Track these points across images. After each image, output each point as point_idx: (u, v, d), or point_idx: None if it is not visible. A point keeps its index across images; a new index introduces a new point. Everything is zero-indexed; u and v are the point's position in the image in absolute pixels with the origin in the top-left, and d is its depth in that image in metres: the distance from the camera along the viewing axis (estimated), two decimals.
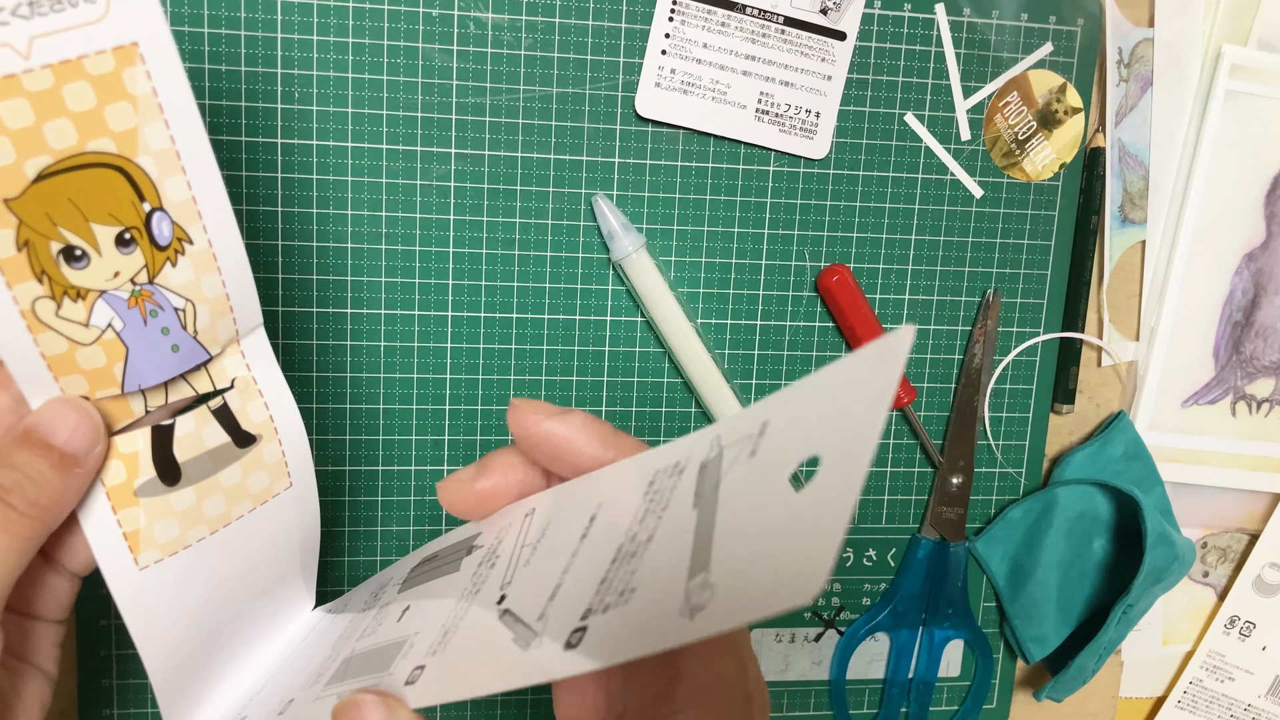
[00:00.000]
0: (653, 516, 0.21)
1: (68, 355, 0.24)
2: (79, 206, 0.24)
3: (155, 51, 0.23)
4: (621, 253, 0.40)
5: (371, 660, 0.26)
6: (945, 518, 0.45)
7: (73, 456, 0.25)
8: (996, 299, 0.44)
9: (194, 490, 0.27)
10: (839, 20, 0.40)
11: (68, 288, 0.24)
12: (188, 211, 0.25)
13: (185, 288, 0.26)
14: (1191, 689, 0.50)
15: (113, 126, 0.23)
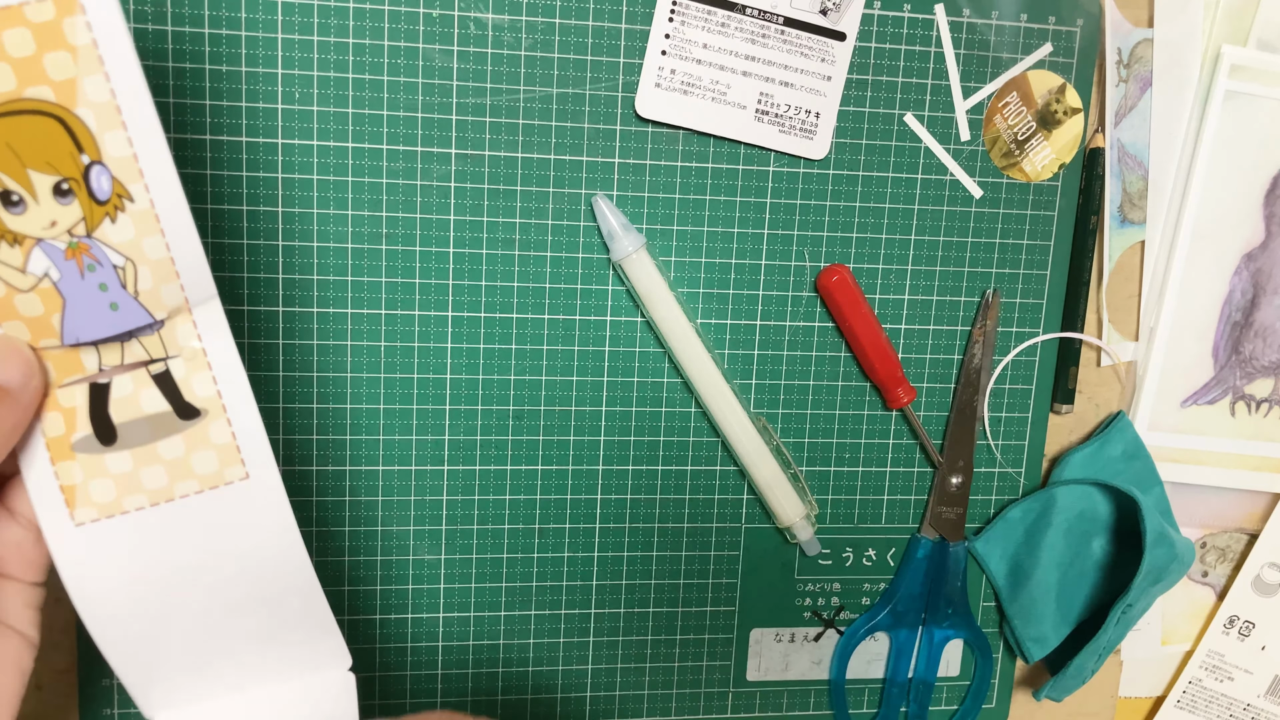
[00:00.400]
0: None
1: (6, 300, 0.25)
2: (16, 152, 0.24)
3: (96, 2, 0.23)
4: (621, 253, 0.40)
5: None
6: (945, 517, 0.45)
7: (7, 389, 0.25)
8: (996, 299, 0.44)
9: (130, 455, 0.27)
10: (839, 21, 0.40)
11: (4, 232, 0.25)
12: (128, 168, 0.25)
13: (125, 246, 0.25)
14: (1191, 689, 0.50)
15: (51, 75, 0.24)
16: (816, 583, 0.46)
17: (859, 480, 0.45)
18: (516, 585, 0.43)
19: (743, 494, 0.44)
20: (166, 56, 0.37)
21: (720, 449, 0.43)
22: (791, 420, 0.44)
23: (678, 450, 0.43)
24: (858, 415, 0.44)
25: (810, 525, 0.44)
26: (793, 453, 0.44)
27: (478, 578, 0.43)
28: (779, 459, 0.43)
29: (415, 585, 0.42)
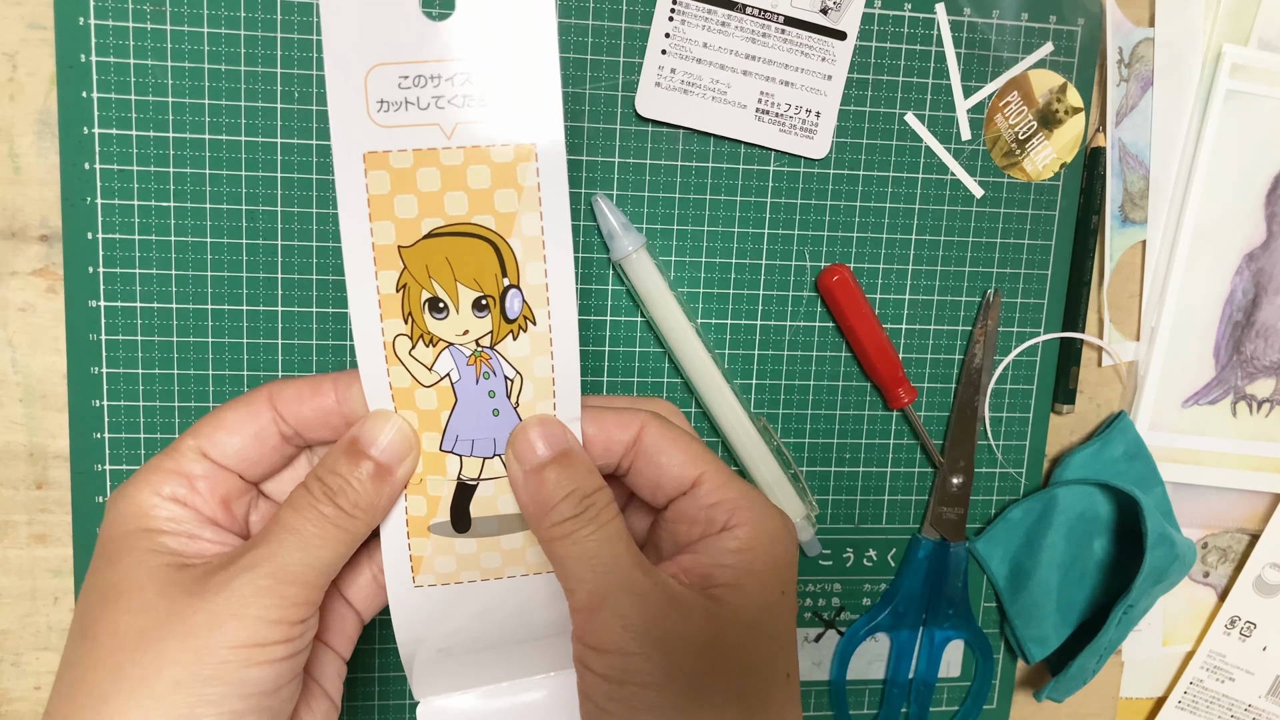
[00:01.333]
0: None
1: (409, 392, 0.29)
2: (453, 267, 0.28)
3: (549, 154, 0.28)
4: (621, 253, 0.40)
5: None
6: (945, 518, 0.45)
7: (387, 466, 0.29)
8: (997, 299, 0.44)
9: (476, 542, 0.31)
10: (839, 20, 0.40)
11: (425, 333, 0.29)
12: (539, 294, 0.29)
13: (519, 361, 0.29)
14: (1192, 689, 0.50)
15: (498, 207, 0.28)
16: (817, 583, 0.45)
17: (859, 480, 0.45)
18: None
19: None
20: (166, 56, 0.37)
21: (720, 449, 0.43)
22: (792, 420, 0.44)
23: None
24: (858, 415, 0.44)
25: (811, 525, 0.44)
26: (793, 453, 0.44)
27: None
28: (779, 459, 0.43)
29: None
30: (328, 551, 0.28)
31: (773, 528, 0.31)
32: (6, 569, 0.40)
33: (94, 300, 0.39)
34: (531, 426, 0.30)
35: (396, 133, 0.27)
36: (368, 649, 0.43)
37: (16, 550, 0.40)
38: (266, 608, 0.27)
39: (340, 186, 0.27)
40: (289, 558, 0.27)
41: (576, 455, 0.30)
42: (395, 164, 0.27)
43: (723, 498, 0.31)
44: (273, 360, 0.40)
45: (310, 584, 0.28)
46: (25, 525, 0.40)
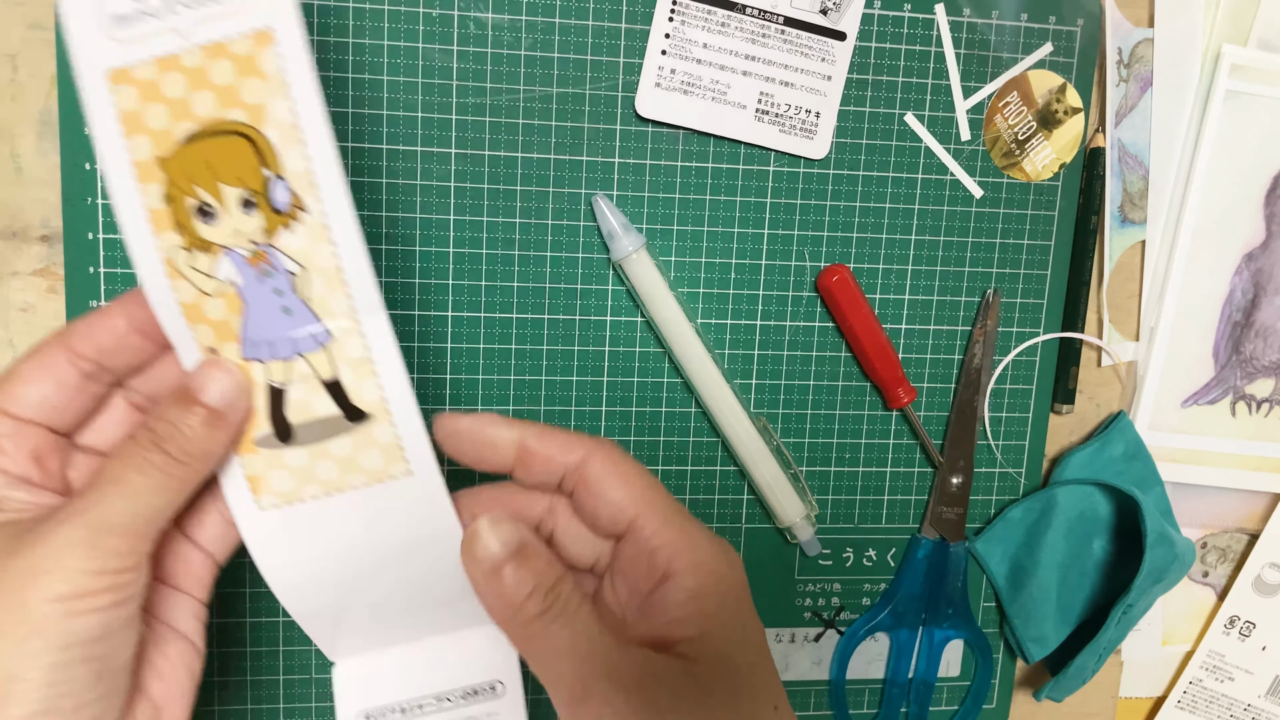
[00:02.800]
0: None
1: (196, 305, 0.28)
2: (213, 168, 0.28)
3: (286, 37, 0.27)
4: (621, 253, 0.40)
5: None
6: (945, 518, 0.45)
7: (219, 412, 0.28)
8: (996, 299, 0.44)
9: (306, 452, 0.30)
10: (839, 20, 0.40)
11: (198, 241, 0.28)
12: (304, 181, 0.28)
13: (299, 253, 0.28)
14: (1191, 689, 0.50)
15: (245, 99, 0.27)
16: (817, 583, 0.46)
17: (859, 480, 0.45)
18: None
19: (743, 494, 0.44)
20: None
21: (720, 449, 0.43)
22: (791, 420, 0.44)
23: (678, 450, 0.43)
24: (858, 415, 0.44)
25: (810, 525, 0.44)
26: (793, 453, 0.44)
27: None
28: (779, 459, 0.43)
29: None
30: (157, 499, 0.28)
31: (713, 563, 0.30)
32: None
33: (95, 300, 0.39)
34: (482, 527, 0.30)
35: (135, 46, 0.27)
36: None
37: None
38: (85, 559, 0.26)
39: (90, 110, 0.27)
40: (111, 508, 0.27)
41: (532, 548, 0.30)
42: (139, 76, 0.27)
43: (661, 542, 0.30)
44: None
45: (136, 534, 0.27)
46: None
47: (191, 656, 0.31)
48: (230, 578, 0.41)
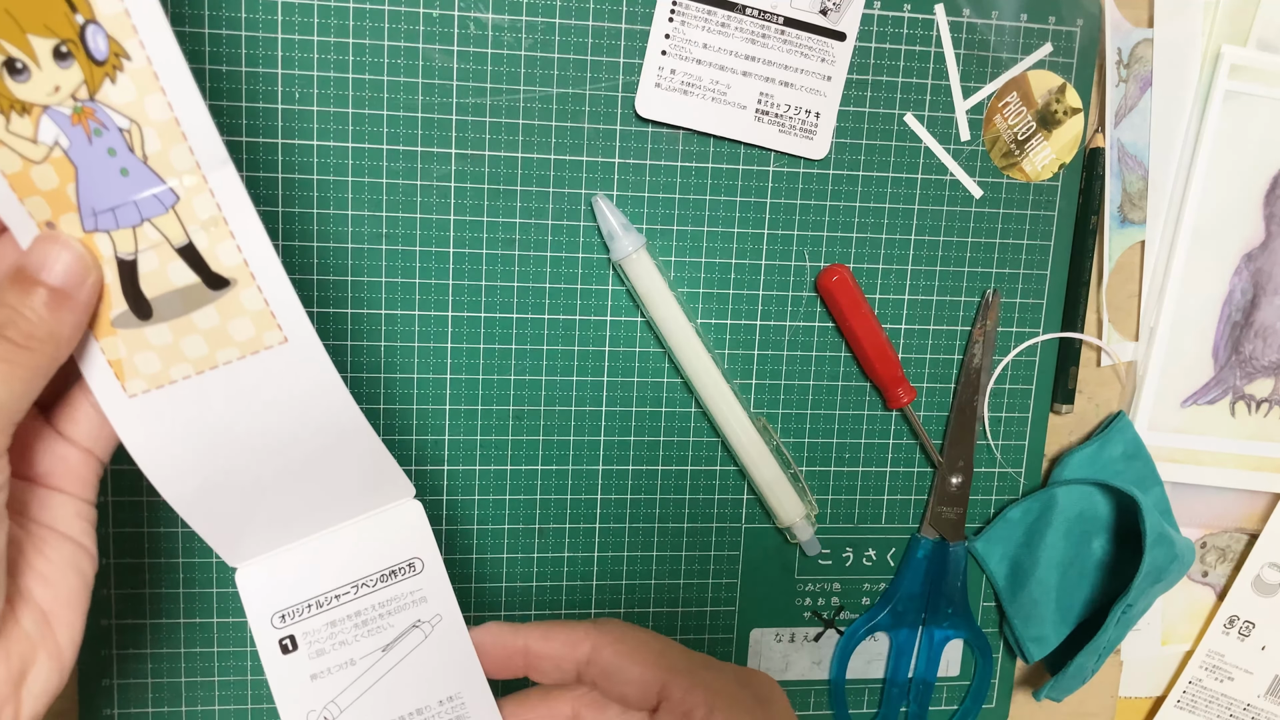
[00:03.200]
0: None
1: (23, 175, 0.26)
2: (15, 18, 0.25)
3: None
4: (621, 253, 0.40)
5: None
6: (945, 517, 0.45)
7: (62, 291, 0.26)
8: (996, 299, 0.44)
9: (168, 327, 0.27)
10: (839, 21, 0.40)
11: (13, 101, 0.25)
12: (121, 25, 0.25)
13: (128, 107, 0.26)
14: (1191, 689, 0.50)
15: None
16: (816, 583, 0.46)
17: (859, 480, 0.45)
18: (517, 585, 0.43)
19: (743, 494, 0.44)
20: None
21: (720, 449, 0.43)
22: (791, 420, 0.44)
23: (678, 450, 0.43)
24: (858, 415, 0.44)
25: (810, 525, 0.44)
26: (793, 453, 0.44)
27: (478, 578, 0.43)
28: (779, 459, 0.43)
29: None
30: (2, 391, 0.25)
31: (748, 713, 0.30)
32: None
33: None
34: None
35: None
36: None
37: None
38: None
39: None
40: None
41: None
42: None
43: (694, 703, 0.30)
44: None
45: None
46: None
47: (80, 559, 0.30)
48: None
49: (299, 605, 0.31)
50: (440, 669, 0.32)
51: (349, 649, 0.31)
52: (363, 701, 0.32)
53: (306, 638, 0.31)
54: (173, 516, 0.40)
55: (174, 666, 0.41)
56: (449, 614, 0.32)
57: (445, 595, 0.32)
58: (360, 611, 0.32)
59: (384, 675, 0.32)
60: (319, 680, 0.31)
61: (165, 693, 0.41)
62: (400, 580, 0.32)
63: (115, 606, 0.41)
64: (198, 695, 0.42)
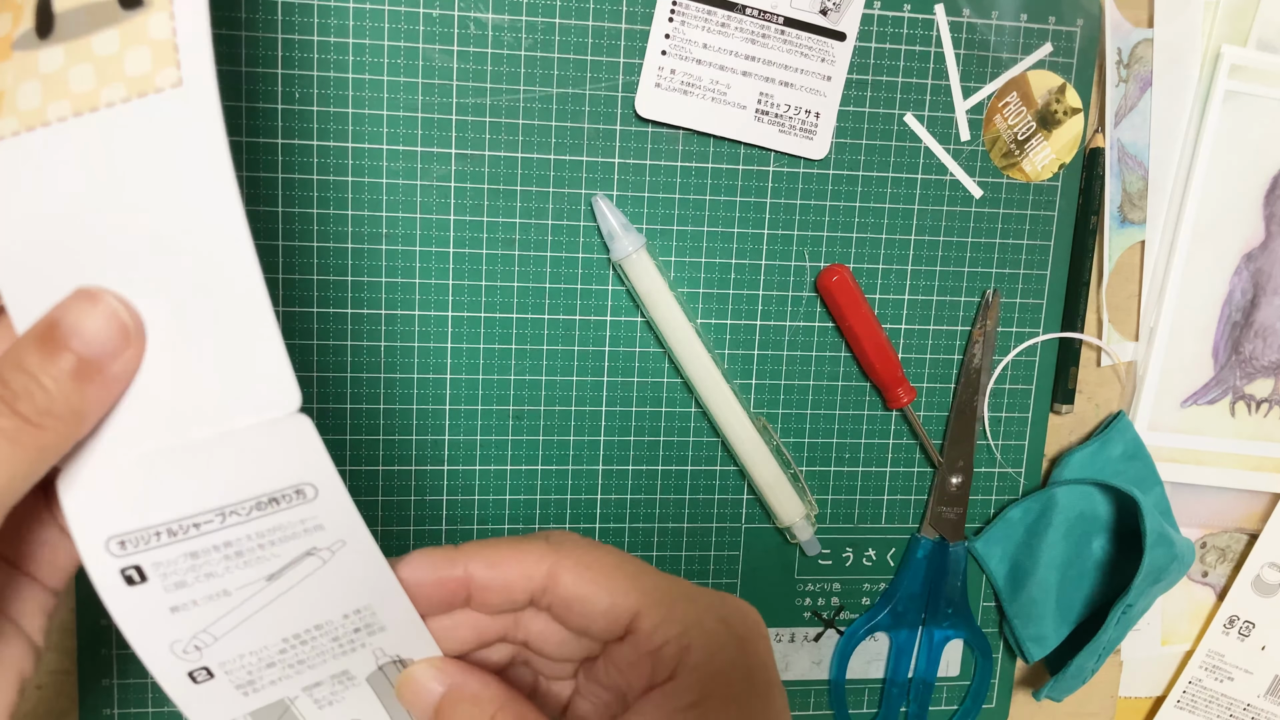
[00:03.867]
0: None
1: None
2: None
3: None
4: (621, 253, 0.40)
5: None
6: (945, 517, 0.45)
7: (94, 363, 0.22)
8: (996, 299, 0.44)
9: (64, 50, 0.23)
10: (839, 21, 0.40)
11: None
12: None
13: None
14: (1191, 689, 0.50)
15: None
16: (816, 583, 0.46)
17: (859, 480, 0.45)
18: None
19: (743, 494, 0.44)
20: None
21: (720, 449, 0.43)
22: (791, 420, 0.44)
23: (678, 450, 0.43)
24: (858, 415, 0.44)
25: (810, 525, 0.44)
26: (793, 453, 0.44)
27: None
28: (779, 459, 0.43)
29: None
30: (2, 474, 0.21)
31: (728, 658, 0.26)
32: None
33: None
34: (417, 670, 0.27)
35: None
36: None
37: None
38: None
39: None
40: None
41: (460, 690, 0.26)
42: None
43: (665, 637, 0.26)
44: None
45: None
46: None
47: (25, 656, 0.26)
48: None
49: (142, 532, 0.24)
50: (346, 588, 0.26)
51: (219, 580, 0.25)
52: (245, 627, 0.26)
53: (159, 569, 0.24)
54: None
55: None
56: (354, 539, 0.26)
57: (348, 521, 0.25)
58: (231, 542, 0.25)
59: (271, 602, 0.26)
60: (182, 613, 0.25)
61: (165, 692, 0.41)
62: (285, 509, 0.25)
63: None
64: None
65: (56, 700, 0.41)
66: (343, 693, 0.28)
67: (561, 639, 0.28)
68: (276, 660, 0.26)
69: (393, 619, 0.27)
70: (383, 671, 0.28)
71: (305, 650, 0.27)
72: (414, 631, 0.27)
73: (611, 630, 0.26)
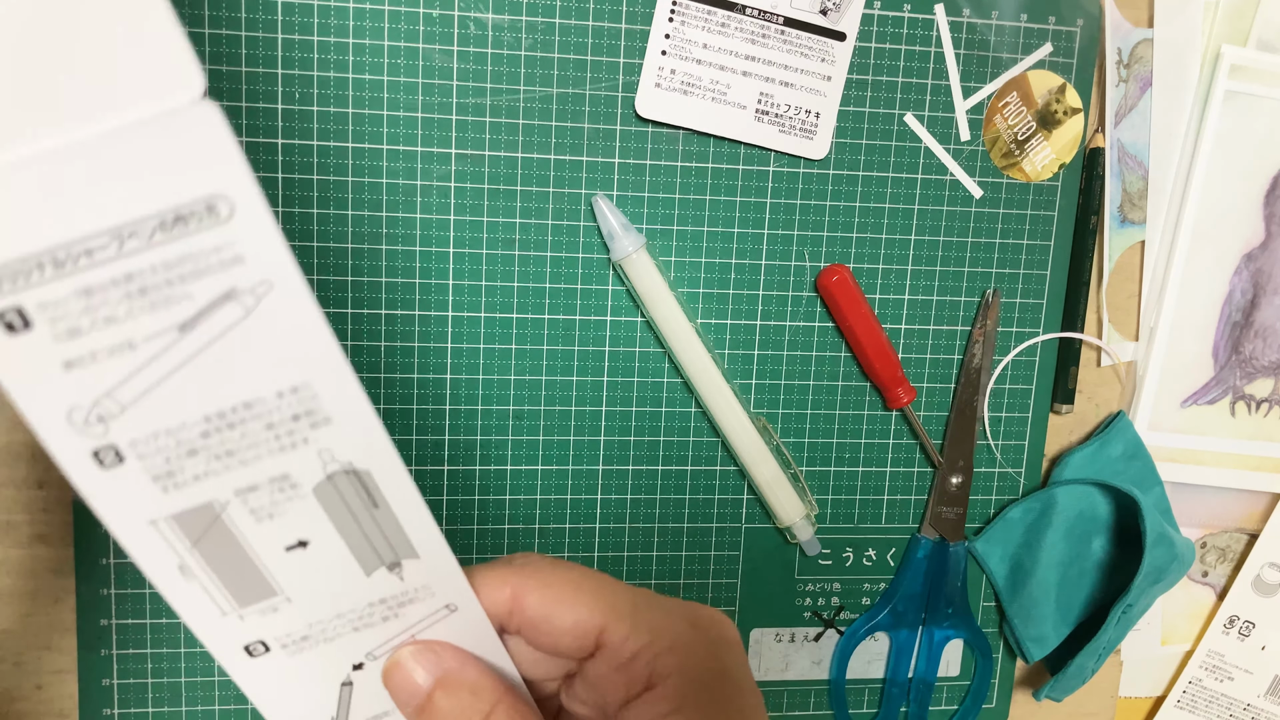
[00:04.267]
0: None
1: None
2: None
3: None
4: (621, 253, 0.40)
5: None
6: (945, 517, 0.45)
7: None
8: (996, 299, 0.44)
9: None
10: (839, 21, 0.40)
11: None
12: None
13: None
14: (1191, 689, 0.50)
15: None
16: (816, 583, 0.46)
17: (859, 480, 0.45)
18: None
19: (743, 494, 0.44)
20: None
21: (720, 449, 0.43)
22: (791, 420, 0.44)
23: (678, 450, 0.43)
24: (858, 415, 0.44)
25: (810, 525, 0.44)
26: (793, 453, 0.44)
27: None
28: (779, 459, 0.43)
29: None
30: None
31: (701, 662, 0.26)
32: (8, 569, 0.40)
33: None
34: (403, 659, 0.26)
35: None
36: None
37: (18, 550, 0.40)
38: None
39: None
40: None
41: (454, 678, 0.26)
42: None
43: (635, 648, 0.26)
44: None
45: None
46: (26, 525, 0.40)
47: None
48: None
49: (19, 263, 0.20)
50: (276, 351, 0.22)
51: (121, 328, 0.21)
52: (157, 394, 0.22)
53: (45, 311, 0.20)
54: None
55: (174, 666, 0.41)
56: (283, 280, 0.21)
57: (273, 255, 0.21)
58: (133, 275, 0.21)
59: (186, 363, 0.22)
60: (79, 369, 0.21)
61: (165, 692, 0.41)
62: (194, 232, 0.21)
63: (114, 606, 0.41)
64: (197, 695, 0.42)
65: (57, 700, 0.41)
66: (284, 504, 0.24)
67: (535, 659, 0.28)
68: (199, 447, 0.23)
69: (339, 409, 0.23)
70: (333, 483, 0.24)
71: (233, 437, 0.23)
72: (364, 431, 0.23)
73: (581, 646, 0.26)
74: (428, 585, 0.26)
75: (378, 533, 0.25)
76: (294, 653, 0.26)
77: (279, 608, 0.25)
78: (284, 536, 0.24)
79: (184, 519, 0.23)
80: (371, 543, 0.25)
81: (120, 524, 0.23)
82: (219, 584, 0.24)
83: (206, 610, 0.24)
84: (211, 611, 0.24)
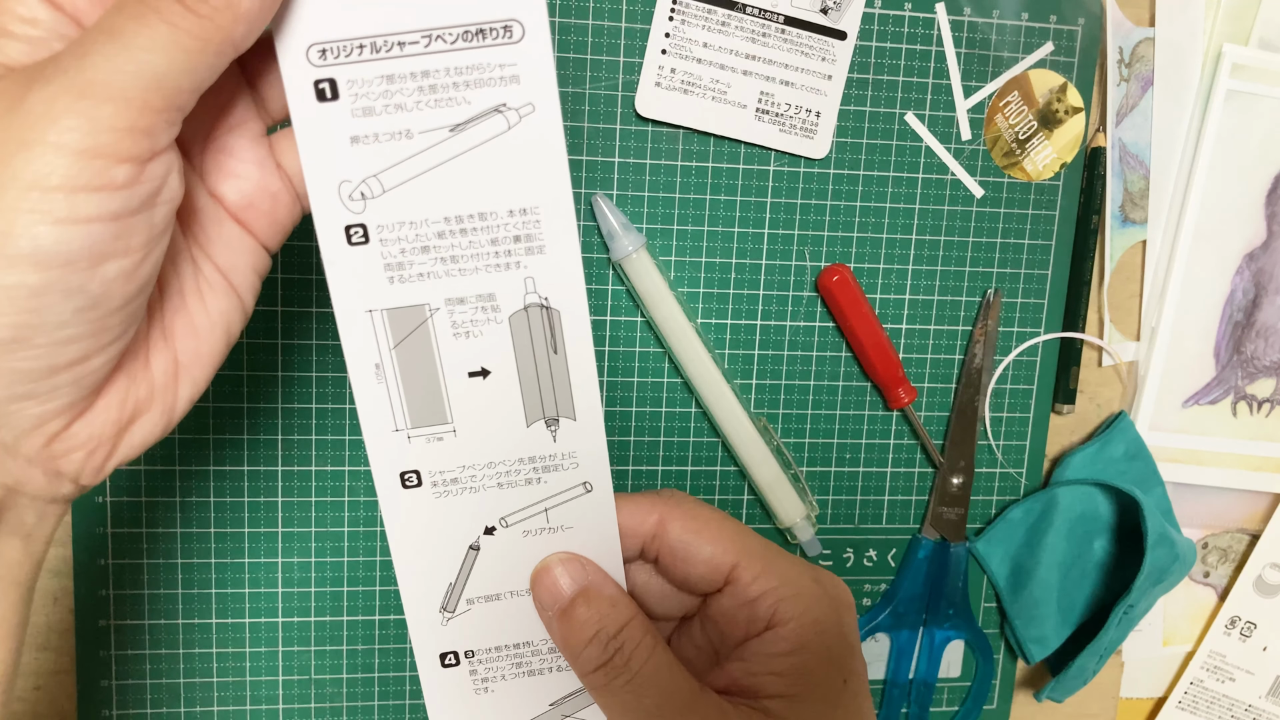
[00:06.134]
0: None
1: None
2: None
3: None
4: (621, 253, 0.40)
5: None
6: (946, 518, 0.45)
7: None
8: (997, 299, 0.44)
9: None
10: (839, 20, 0.40)
11: None
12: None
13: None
14: (1192, 689, 0.50)
15: None
16: None
17: (859, 480, 0.45)
18: None
19: (743, 494, 0.44)
20: None
21: (720, 449, 0.43)
22: (792, 420, 0.44)
23: (678, 450, 0.43)
24: (858, 415, 0.44)
25: (811, 526, 0.44)
26: (793, 453, 0.44)
27: None
28: (779, 459, 0.43)
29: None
30: (159, 58, 0.20)
31: (822, 613, 0.28)
32: None
33: None
34: (553, 565, 0.27)
35: None
36: (367, 652, 0.43)
37: None
38: (68, 131, 0.19)
39: None
40: (101, 67, 0.20)
41: (596, 590, 0.27)
42: None
43: (763, 589, 0.28)
44: (272, 361, 0.40)
45: (139, 104, 0.20)
46: None
47: (235, 317, 0.26)
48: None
49: (345, 42, 0.24)
50: (521, 170, 0.25)
51: (406, 116, 0.25)
52: (413, 186, 0.25)
53: (351, 87, 0.24)
54: (172, 517, 0.40)
55: (173, 668, 0.41)
56: (544, 104, 0.25)
57: (545, 80, 0.25)
58: (429, 72, 0.25)
59: (446, 161, 0.25)
60: (361, 146, 0.25)
61: (164, 694, 0.41)
62: (489, 45, 0.25)
63: (114, 607, 0.41)
64: (196, 696, 0.42)
65: (56, 701, 0.41)
66: (482, 324, 0.26)
67: (663, 593, 0.29)
68: (432, 244, 0.25)
69: (554, 243, 0.26)
70: (527, 314, 0.26)
71: (462, 244, 0.26)
72: (568, 272, 0.26)
73: (712, 580, 0.28)
74: (575, 454, 0.28)
75: (549, 381, 0.27)
76: (440, 494, 0.27)
77: (444, 437, 0.27)
78: (471, 359, 0.26)
79: (396, 316, 0.26)
80: (540, 390, 0.27)
81: (345, 304, 0.25)
82: (402, 394, 0.26)
83: (383, 420, 0.26)
84: (387, 422, 0.26)
